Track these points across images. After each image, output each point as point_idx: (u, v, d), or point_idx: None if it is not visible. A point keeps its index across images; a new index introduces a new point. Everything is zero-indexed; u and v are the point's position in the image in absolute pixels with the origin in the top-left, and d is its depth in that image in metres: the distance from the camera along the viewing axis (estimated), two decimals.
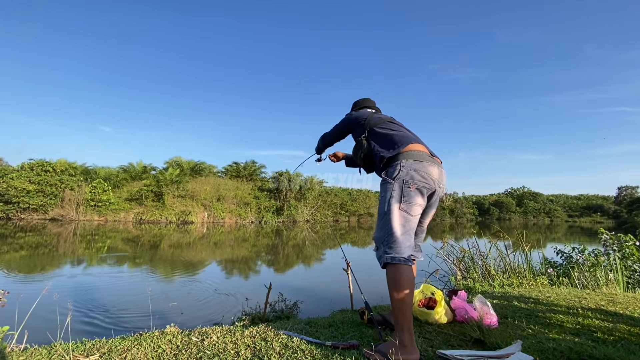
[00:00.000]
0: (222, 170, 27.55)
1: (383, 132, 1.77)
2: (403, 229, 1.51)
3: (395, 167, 1.58)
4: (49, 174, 19.80)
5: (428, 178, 1.56)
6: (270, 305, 2.97)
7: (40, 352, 1.43)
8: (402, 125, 1.88)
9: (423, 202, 1.59)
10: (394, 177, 1.56)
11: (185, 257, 8.70)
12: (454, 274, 3.98)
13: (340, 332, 1.75)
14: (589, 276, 3.47)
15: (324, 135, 2.16)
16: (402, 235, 1.50)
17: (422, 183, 1.54)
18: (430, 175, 1.57)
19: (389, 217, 1.52)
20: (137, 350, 1.42)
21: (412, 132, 1.83)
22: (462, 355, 1.38)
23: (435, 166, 1.60)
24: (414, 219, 1.56)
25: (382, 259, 1.51)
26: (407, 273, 1.43)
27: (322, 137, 2.18)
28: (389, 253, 1.48)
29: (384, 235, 1.52)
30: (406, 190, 1.53)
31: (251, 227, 20.56)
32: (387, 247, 1.49)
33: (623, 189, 51.31)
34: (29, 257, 7.85)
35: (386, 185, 1.59)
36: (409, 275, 1.43)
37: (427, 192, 1.57)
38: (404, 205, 1.52)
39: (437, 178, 1.59)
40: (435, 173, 1.59)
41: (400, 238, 1.49)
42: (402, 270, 1.43)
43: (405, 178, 1.54)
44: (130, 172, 24.03)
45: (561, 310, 2.19)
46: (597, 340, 1.60)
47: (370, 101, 2.19)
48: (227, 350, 1.44)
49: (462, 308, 1.90)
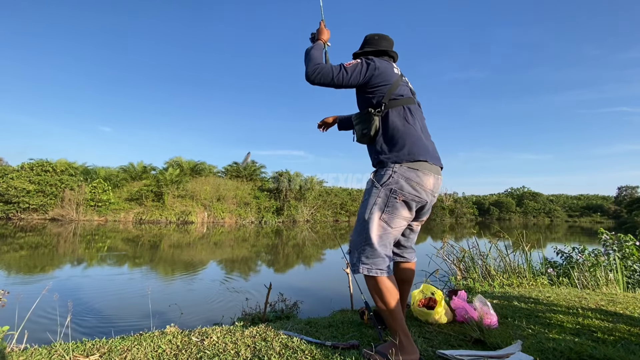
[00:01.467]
0: (222, 170, 27.57)
1: (394, 122, 1.51)
2: (380, 241, 1.42)
3: (386, 171, 1.45)
4: (49, 174, 19.80)
5: (420, 190, 1.44)
6: (270, 305, 2.97)
7: (40, 352, 1.43)
8: (419, 110, 1.63)
9: (409, 215, 1.48)
10: (382, 182, 1.44)
11: (185, 257, 8.69)
12: (454, 274, 3.98)
13: (340, 332, 1.75)
14: (589, 276, 3.47)
15: (315, 64, 1.52)
16: (379, 246, 1.41)
17: (412, 195, 1.42)
18: (424, 186, 1.44)
19: (368, 226, 1.43)
20: (137, 350, 1.42)
21: (423, 124, 1.62)
22: (462, 355, 1.38)
23: (431, 176, 1.47)
24: (395, 232, 1.47)
25: (356, 267, 1.43)
26: (388, 281, 1.39)
27: (312, 63, 1.52)
28: (365, 263, 1.41)
29: (360, 243, 1.44)
30: (392, 200, 1.42)
31: (251, 227, 20.56)
32: (364, 256, 1.41)
33: (623, 189, 51.30)
34: (29, 257, 7.85)
35: (372, 189, 1.47)
36: (390, 283, 1.39)
37: (416, 206, 1.46)
38: (385, 216, 1.42)
39: (430, 189, 1.47)
40: (430, 184, 1.46)
41: (378, 249, 1.41)
42: (381, 281, 1.38)
43: (393, 187, 1.41)
44: (130, 172, 24.04)
45: (561, 310, 2.19)
46: (597, 340, 1.60)
47: (390, 43, 1.74)
48: (227, 350, 1.44)
49: (462, 308, 1.90)
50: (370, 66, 1.52)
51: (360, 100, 1.63)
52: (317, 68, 1.49)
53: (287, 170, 25.48)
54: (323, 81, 1.48)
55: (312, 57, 1.55)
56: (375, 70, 1.52)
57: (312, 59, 1.54)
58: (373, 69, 1.52)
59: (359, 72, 1.51)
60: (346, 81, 1.50)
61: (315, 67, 1.50)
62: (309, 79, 1.50)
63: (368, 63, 1.53)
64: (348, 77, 1.49)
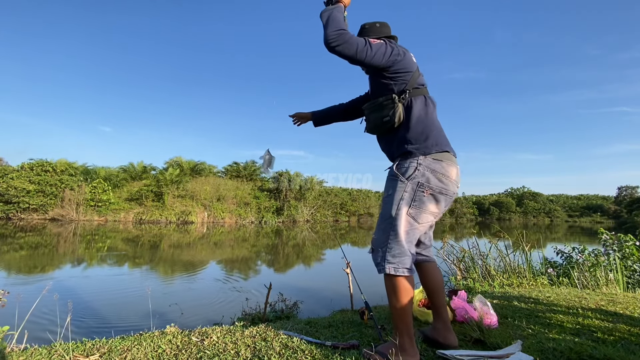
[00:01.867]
0: (222, 170, 27.59)
1: (419, 111, 1.42)
2: (407, 237, 1.35)
3: (410, 163, 1.37)
4: (49, 174, 19.81)
5: (447, 182, 1.37)
6: (270, 305, 2.97)
7: (40, 352, 1.43)
8: (434, 102, 1.52)
9: (437, 210, 1.40)
10: (407, 176, 1.36)
11: (185, 257, 8.69)
12: (454, 274, 3.98)
13: (340, 332, 1.75)
14: (589, 276, 3.47)
15: (339, 28, 1.32)
16: (407, 243, 1.34)
17: (440, 188, 1.36)
18: (450, 177, 1.38)
19: (395, 222, 1.34)
20: (137, 350, 1.42)
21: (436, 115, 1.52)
22: (462, 355, 1.38)
23: (454, 166, 1.41)
24: (422, 227, 1.39)
25: (381, 266, 1.35)
26: (408, 282, 1.33)
27: (334, 26, 1.32)
28: (391, 262, 1.33)
29: (386, 241, 1.36)
30: (419, 194, 1.35)
31: (251, 227, 20.57)
32: (390, 254, 1.33)
33: (623, 189, 51.35)
34: (29, 257, 7.85)
35: (396, 182, 1.38)
36: (410, 284, 1.34)
37: (443, 199, 1.39)
38: (412, 210, 1.35)
39: (455, 179, 1.41)
40: (454, 174, 1.40)
41: (405, 247, 1.33)
42: (403, 281, 1.32)
43: (420, 180, 1.34)
44: (130, 172, 24.05)
45: (561, 310, 2.19)
46: (597, 340, 1.60)
47: (390, 31, 1.60)
48: (227, 350, 1.44)
49: (462, 308, 1.90)
50: (394, 51, 1.40)
51: (377, 85, 1.50)
52: (341, 34, 1.30)
53: (287, 170, 25.54)
54: (345, 51, 1.31)
55: (334, 20, 1.33)
56: (398, 56, 1.40)
57: (334, 21, 1.33)
58: (397, 54, 1.40)
59: (383, 54, 1.37)
60: (369, 59, 1.34)
61: (339, 32, 1.30)
62: (329, 44, 1.30)
63: (392, 47, 1.40)
64: (372, 54, 1.34)
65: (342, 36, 1.30)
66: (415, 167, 1.36)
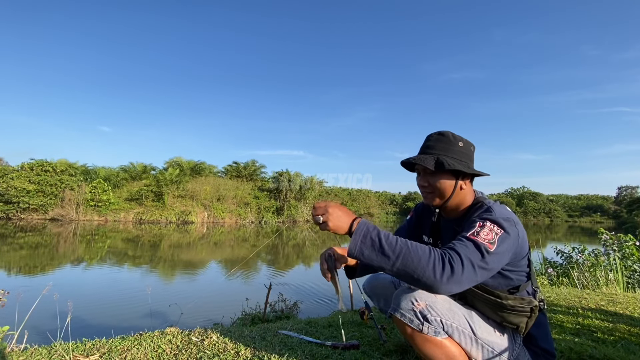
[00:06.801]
0: (222, 170, 27.61)
1: (542, 321, 1.10)
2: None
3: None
4: (49, 174, 19.81)
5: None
6: (270, 305, 2.98)
7: (40, 352, 1.43)
8: None
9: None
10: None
11: (185, 257, 8.70)
12: None
13: (341, 332, 1.75)
14: (589, 276, 3.47)
15: (431, 261, 0.84)
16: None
17: None
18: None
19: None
20: (137, 350, 1.42)
21: None
22: None
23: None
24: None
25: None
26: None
27: (424, 262, 0.83)
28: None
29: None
30: None
31: (251, 227, 20.57)
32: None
33: (623, 189, 51.32)
34: (29, 257, 7.85)
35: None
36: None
37: None
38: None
39: None
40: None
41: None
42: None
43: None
44: (130, 172, 24.06)
45: (561, 310, 2.19)
46: (597, 340, 1.60)
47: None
48: (227, 350, 1.44)
49: None
50: (512, 238, 0.95)
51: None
52: (448, 271, 0.83)
53: (287, 170, 25.54)
54: (467, 286, 0.87)
55: (413, 253, 0.85)
56: (517, 240, 0.97)
57: (415, 256, 0.84)
58: (516, 239, 0.96)
59: (505, 252, 0.93)
60: (493, 272, 0.92)
61: (442, 269, 0.83)
62: (441, 290, 0.84)
63: (508, 232, 0.94)
64: (496, 263, 0.91)
65: (449, 273, 0.83)
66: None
